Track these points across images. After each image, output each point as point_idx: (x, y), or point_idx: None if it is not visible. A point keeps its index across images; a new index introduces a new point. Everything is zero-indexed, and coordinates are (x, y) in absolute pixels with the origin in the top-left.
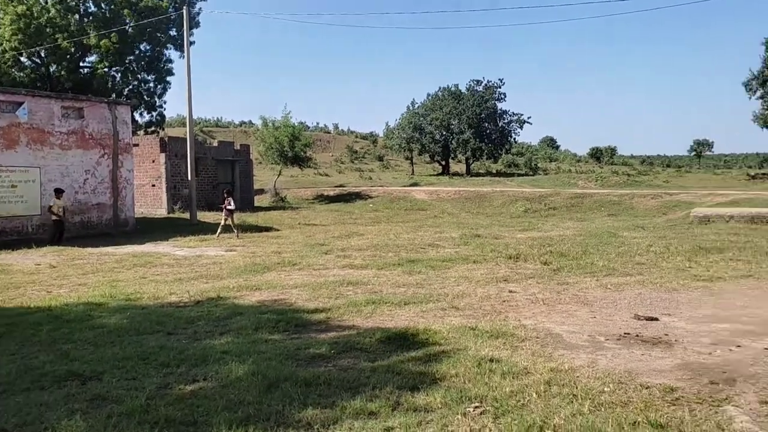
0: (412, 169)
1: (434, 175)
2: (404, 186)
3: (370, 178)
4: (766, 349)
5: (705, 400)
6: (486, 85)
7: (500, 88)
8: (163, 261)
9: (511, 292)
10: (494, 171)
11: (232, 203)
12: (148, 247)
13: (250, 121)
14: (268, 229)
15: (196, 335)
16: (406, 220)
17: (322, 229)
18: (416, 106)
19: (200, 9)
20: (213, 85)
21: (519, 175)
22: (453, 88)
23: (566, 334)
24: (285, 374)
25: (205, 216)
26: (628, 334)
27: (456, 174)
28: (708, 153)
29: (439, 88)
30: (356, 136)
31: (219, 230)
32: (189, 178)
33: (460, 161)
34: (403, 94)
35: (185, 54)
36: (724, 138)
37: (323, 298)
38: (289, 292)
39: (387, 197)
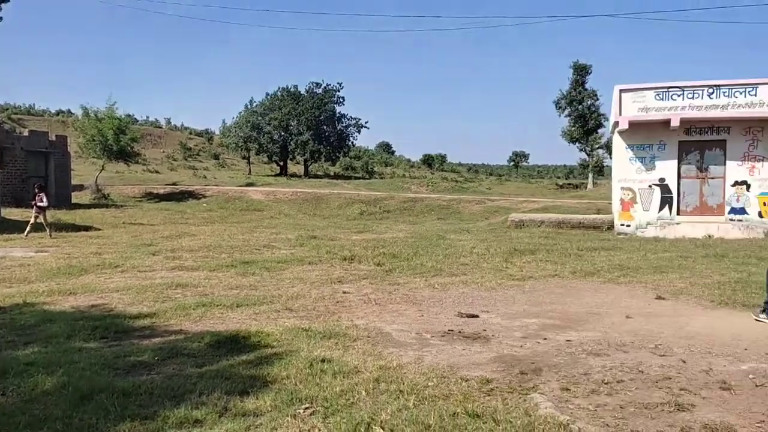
0: (249, 169)
1: (272, 175)
2: (240, 186)
3: (205, 177)
4: (568, 341)
5: (515, 390)
6: (325, 88)
7: (339, 91)
8: None
9: (345, 293)
10: (332, 173)
11: (44, 199)
12: None
13: (69, 111)
14: (87, 228)
15: None
16: (242, 220)
17: (149, 229)
18: (255, 104)
19: None
20: (26, 68)
21: (356, 178)
22: (292, 89)
23: (396, 332)
24: (100, 385)
25: (12, 213)
26: (452, 330)
27: (294, 175)
28: (524, 164)
29: (279, 88)
30: (191, 133)
31: (28, 229)
32: None
33: (298, 163)
34: (242, 92)
35: None
36: (538, 150)
37: (148, 302)
38: (110, 296)
39: (222, 197)
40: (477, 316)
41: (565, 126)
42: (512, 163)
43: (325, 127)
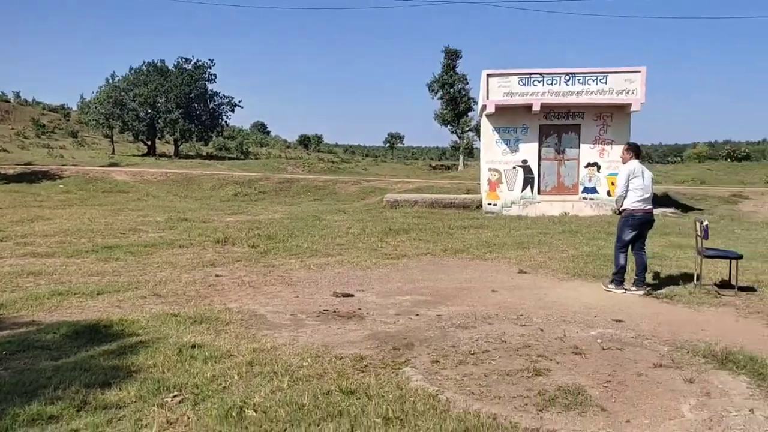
0: (113, 149)
1: (139, 155)
2: (103, 166)
3: (62, 156)
4: (438, 315)
5: (388, 365)
6: (196, 64)
7: (211, 68)
8: None
9: (217, 276)
10: (205, 153)
11: None
12: None
13: None
14: None
15: None
16: (105, 203)
17: None
18: (117, 79)
19: None
20: None
21: (230, 158)
22: (159, 64)
23: (270, 314)
24: None
25: None
26: (327, 310)
27: (163, 155)
28: (400, 145)
29: (144, 62)
30: (44, 108)
31: None
32: None
33: (168, 142)
34: (102, 64)
35: None
36: (413, 132)
37: None
38: None
39: (82, 178)
40: (352, 295)
41: (437, 109)
42: (388, 145)
43: (196, 105)
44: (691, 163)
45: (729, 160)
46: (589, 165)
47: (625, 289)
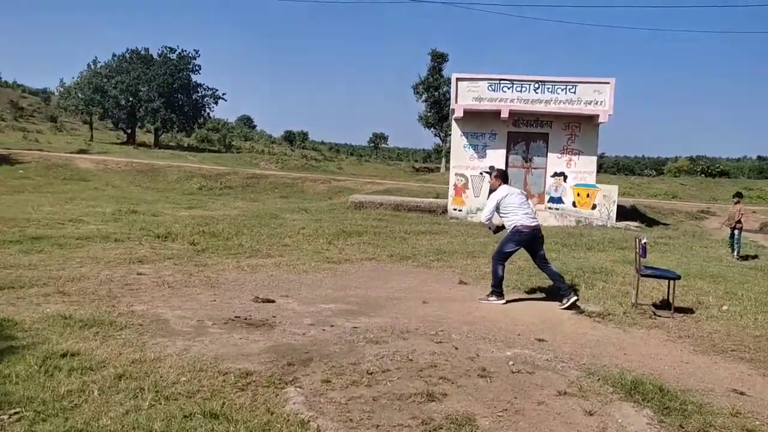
0: (91, 135)
1: (118, 143)
2: (71, 153)
3: (37, 141)
4: (354, 327)
5: (273, 383)
6: (180, 54)
7: (195, 59)
8: None
9: (139, 274)
10: (186, 145)
11: None
12: None
13: None
14: None
15: None
16: (60, 191)
17: None
18: (99, 65)
19: None
20: None
21: (212, 151)
22: (143, 52)
23: (175, 319)
24: None
25: None
26: (239, 317)
27: (143, 144)
28: (384, 145)
29: (127, 49)
30: (24, 91)
31: None
32: None
33: (149, 131)
34: (85, 49)
35: None
36: (398, 133)
37: None
38: None
39: (43, 164)
40: (273, 301)
41: (421, 111)
42: (372, 145)
43: (179, 95)
44: (667, 178)
45: (704, 175)
46: (555, 174)
47: (571, 304)
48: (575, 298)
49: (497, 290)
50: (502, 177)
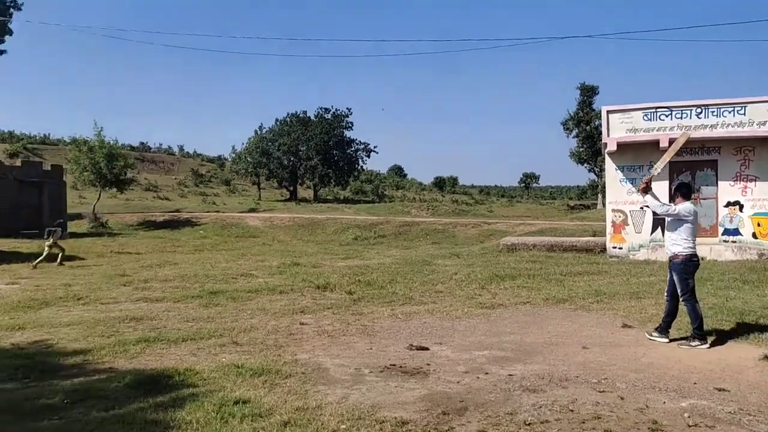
0: (259, 195)
1: (282, 200)
2: (243, 212)
3: (214, 203)
4: (509, 375)
5: None
6: (334, 113)
7: (348, 117)
8: None
9: (302, 324)
10: (342, 197)
11: (58, 233)
12: None
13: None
14: (71, 258)
15: None
16: (233, 248)
17: (134, 258)
18: (264, 130)
19: (11, 14)
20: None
21: (366, 201)
22: (302, 115)
23: (334, 367)
24: None
25: (1, 244)
26: (394, 365)
27: (304, 200)
28: (535, 185)
29: (288, 114)
30: (203, 159)
31: (41, 258)
32: None
33: (308, 187)
34: (252, 118)
35: None
36: (549, 171)
37: (94, 338)
38: (58, 331)
39: (219, 223)
40: (427, 349)
41: (573, 147)
42: (522, 185)
43: (334, 151)
44: None
45: None
46: (729, 204)
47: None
48: (704, 346)
49: (699, 333)
50: (687, 192)
